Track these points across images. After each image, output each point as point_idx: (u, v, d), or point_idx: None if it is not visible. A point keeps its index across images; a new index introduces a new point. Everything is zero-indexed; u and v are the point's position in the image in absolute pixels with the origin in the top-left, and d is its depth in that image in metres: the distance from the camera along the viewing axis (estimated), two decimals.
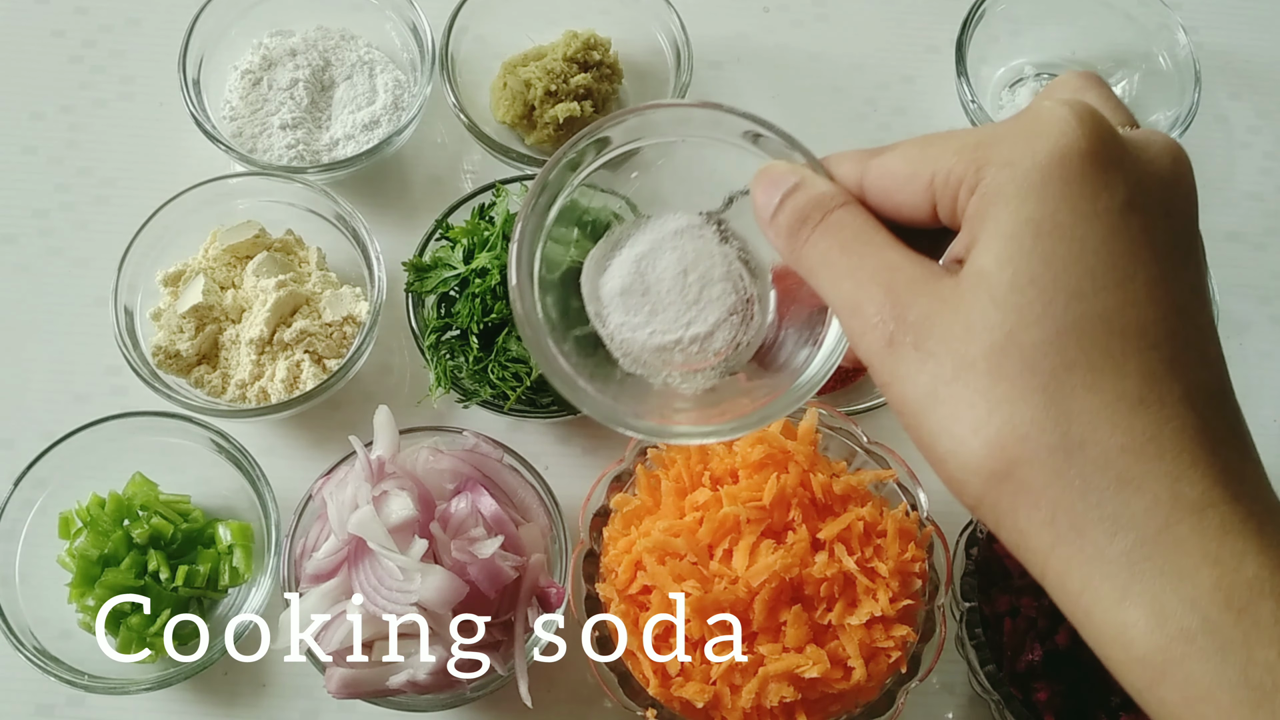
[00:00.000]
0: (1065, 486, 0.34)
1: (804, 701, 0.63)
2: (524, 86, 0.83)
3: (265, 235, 0.81)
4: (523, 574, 0.67)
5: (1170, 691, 0.33)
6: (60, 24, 0.91)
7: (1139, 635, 0.33)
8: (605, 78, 0.86)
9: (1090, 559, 0.34)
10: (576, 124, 0.84)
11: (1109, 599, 0.34)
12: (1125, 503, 0.34)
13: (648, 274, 0.54)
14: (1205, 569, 0.33)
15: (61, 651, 0.70)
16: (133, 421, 0.74)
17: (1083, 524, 0.34)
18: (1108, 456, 0.34)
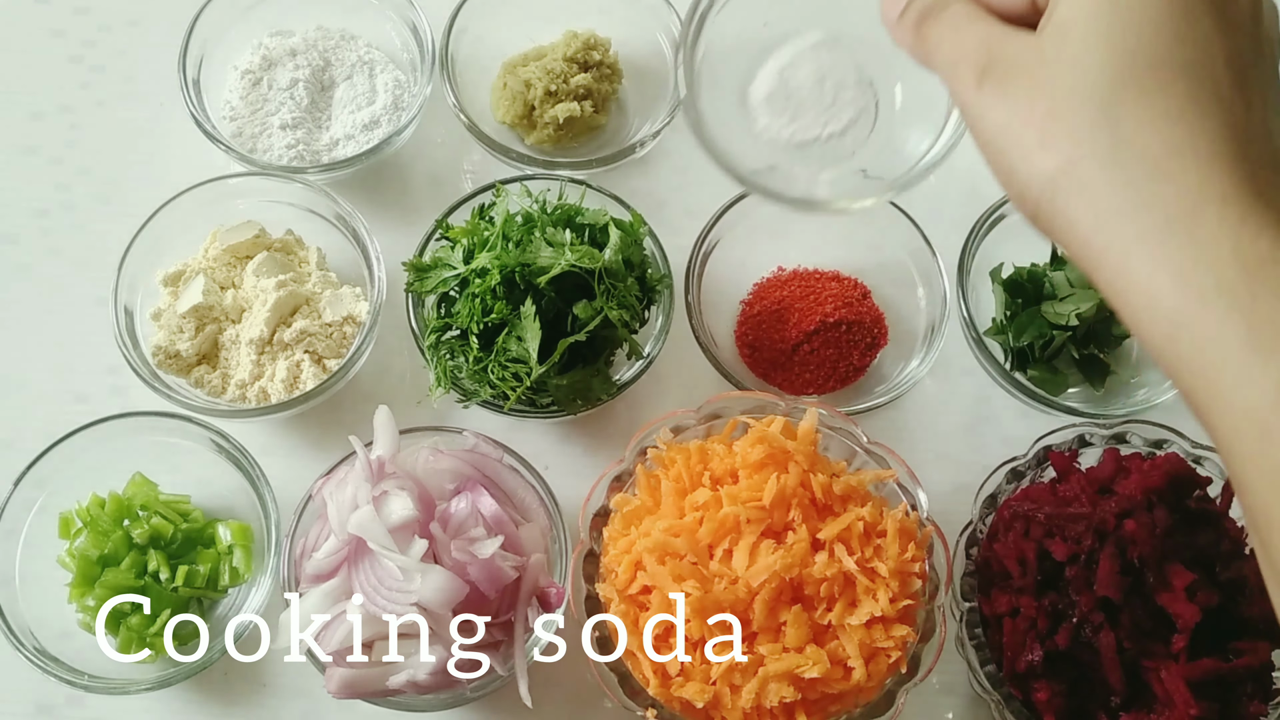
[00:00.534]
0: (1110, 179, 0.41)
1: (804, 701, 0.63)
2: (524, 86, 0.83)
3: (265, 235, 0.81)
4: (523, 574, 0.67)
5: (1186, 342, 0.40)
6: (60, 24, 0.91)
7: (1164, 296, 0.40)
8: (605, 77, 0.86)
9: (1127, 237, 0.41)
10: (576, 124, 0.84)
11: (1141, 269, 0.40)
12: (1159, 190, 0.40)
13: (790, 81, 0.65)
14: (1225, 242, 0.39)
15: (61, 651, 0.70)
16: (133, 421, 0.74)
17: (1123, 208, 0.41)
18: (1148, 154, 0.41)
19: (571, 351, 0.71)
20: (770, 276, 0.84)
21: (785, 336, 0.80)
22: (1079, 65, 0.42)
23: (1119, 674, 0.64)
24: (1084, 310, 0.78)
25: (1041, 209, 0.43)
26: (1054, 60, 0.43)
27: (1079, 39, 0.42)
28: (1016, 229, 0.83)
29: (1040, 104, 0.43)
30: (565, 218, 0.73)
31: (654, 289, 0.76)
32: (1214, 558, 0.66)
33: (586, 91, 0.84)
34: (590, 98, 0.84)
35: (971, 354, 0.80)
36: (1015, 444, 0.77)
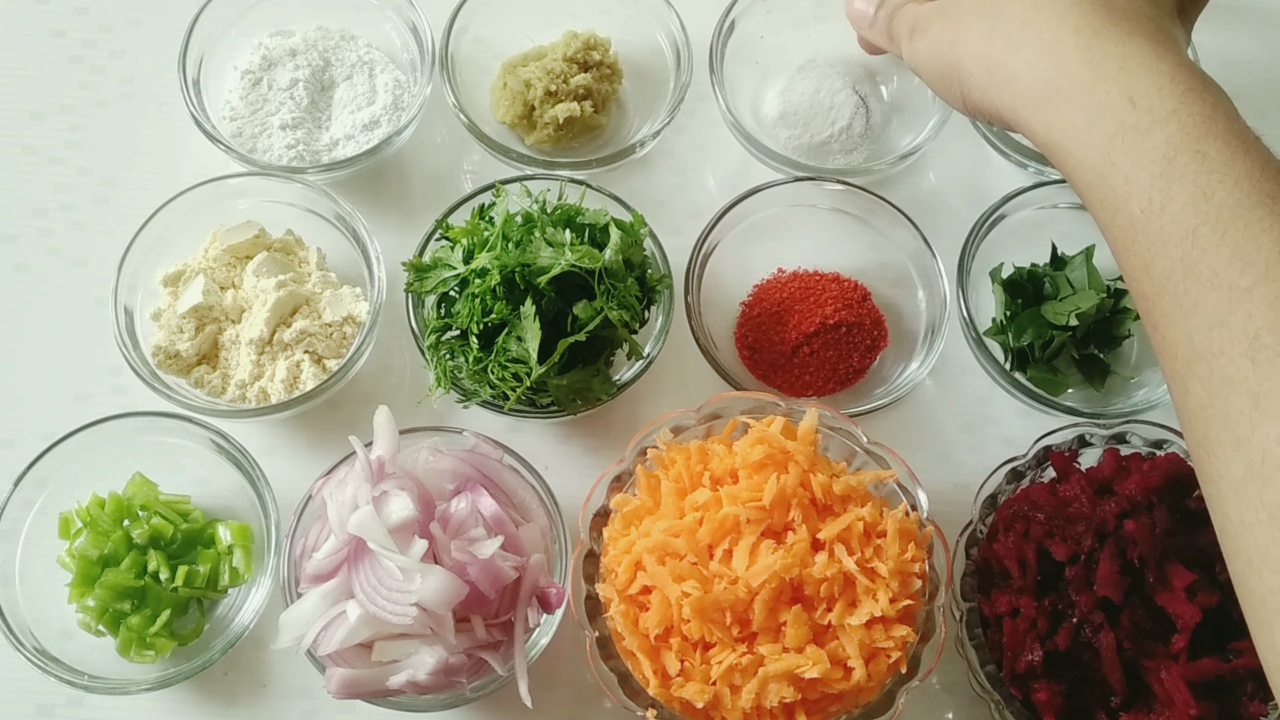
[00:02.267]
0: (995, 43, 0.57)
1: (804, 702, 0.63)
2: (524, 86, 0.83)
3: (265, 235, 0.81)
4: (523, 574, 0.67)
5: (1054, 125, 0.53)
6: (60, 24, 0.91)
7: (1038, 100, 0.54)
8: (605, 78, 0.86)
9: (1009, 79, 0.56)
10: (576, 124, 0.84)
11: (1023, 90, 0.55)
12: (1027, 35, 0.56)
13: (792, 99, 0.86)
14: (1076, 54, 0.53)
15: (61, 651, 0.70)
16: (133, 421, 0.74)
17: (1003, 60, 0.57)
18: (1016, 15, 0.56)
19: (571, 351, 0.71)
20: (770, 278, 0.84)
21: (785, 338, 0.80)
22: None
23: (1119, 674, 0.64)
24: (1084, 310, 0.78)
25: (965, 93, 0.59)
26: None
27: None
28: (1017, 229, 0.83)
29: (948, 25, 0.60)
30: (565, 218, 0.73)
31: (654, 289, 0.76)
32: (1214, 558, 0.66)
33: (586, 91, 0.84)
34: (590, 98, 0.84)
35: (971, 354, 0.80)
36: (1015, 444, 0.77)
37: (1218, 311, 0.45)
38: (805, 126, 0.87)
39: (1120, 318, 0.80)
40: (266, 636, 0.72)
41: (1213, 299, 0.45)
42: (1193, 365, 0.47)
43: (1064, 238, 0.82)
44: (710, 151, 0.89)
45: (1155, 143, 0.48)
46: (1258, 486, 0.43)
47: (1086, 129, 0.51)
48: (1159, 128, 0.49)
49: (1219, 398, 0.45)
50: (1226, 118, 0.49)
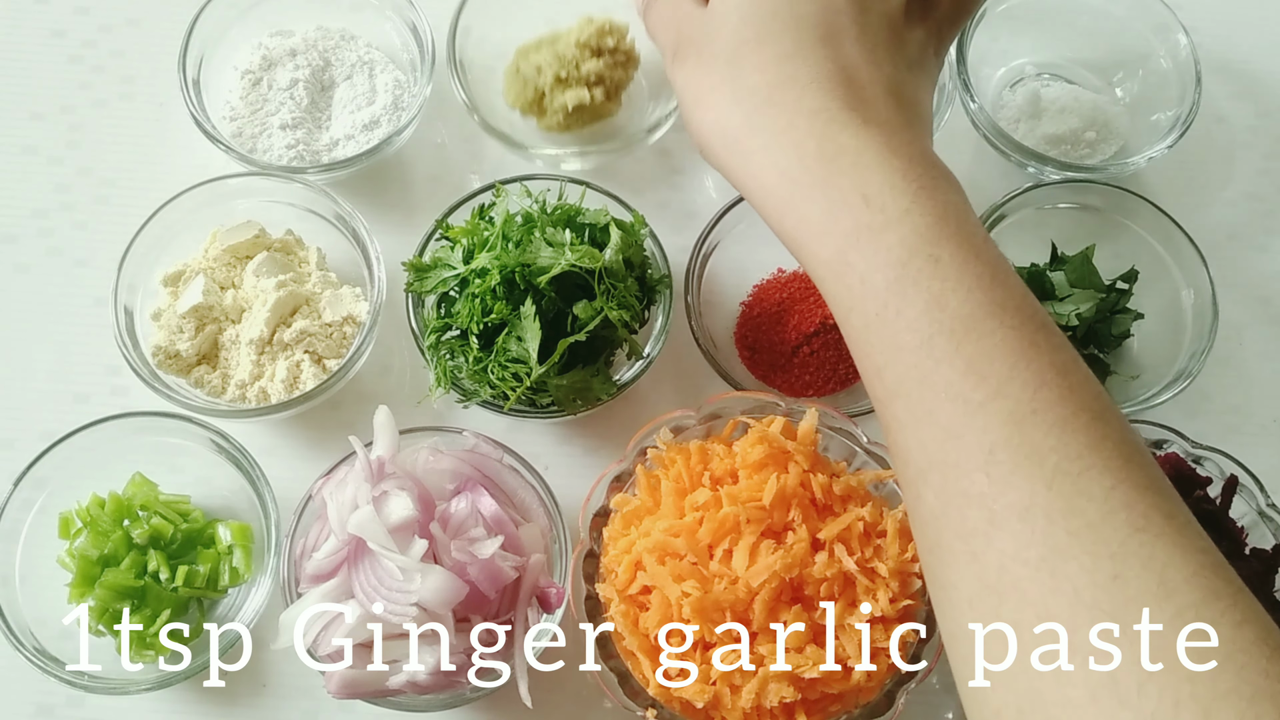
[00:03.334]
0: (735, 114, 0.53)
1: (804, 701, 0.63)
2: (535, 71, 0.82)
3: (265, 235, 0.81)
4: (523, 574, 0.67)
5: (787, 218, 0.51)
6: (60, 24, 0.91)
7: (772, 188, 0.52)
8: (619, 64, 0.84)
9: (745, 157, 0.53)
10: (586, 112, 0.82)
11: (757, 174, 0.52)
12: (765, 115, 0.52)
13: None
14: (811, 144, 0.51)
15: (61, 651, 0.70)
16: (133, 421, 0.74)
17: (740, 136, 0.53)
18: (758, 88, 0.53)
19: (571, 351, 0.71)
20: (770, 278, 0.84)
21: (785, 338, 0.80)
22: (719, 32, 0.54)
23: None
24: (1084, 310, 0.78)
25: (703, 148, 0.56)
26: (707, 33, 0.55)
27: (721, 12, 0.55)
28: (1017, 229, 0.83)
29: (700, 71, 0.55)
30: (565, 218, 0.73)
31: (654, 289, 0.76)
32: None
33: (598, 78, 0.82)
34: (602, 84, 0.82)
35: None
36: None
37: (953, 424, 0.45)
38: None
39: (1120, 318, 0.80)
40: (266, 636, 0.72)
41: (948, 411, 0.45)
42: (926, 474, 0.46)
43: (1064, 238, 0.82)
44: None
45: (890, 244, 0.47)
46: (994, 601, 0.43)
47: (821, 224, 0.49)
48: (892, 229, 0.47)
49: (953, 509, 0.45)
50: (958, 218, 0.48)
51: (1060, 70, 0.91)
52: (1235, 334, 0.85)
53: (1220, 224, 0.88)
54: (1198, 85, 0.85)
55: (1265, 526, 0.71)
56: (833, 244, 0.49)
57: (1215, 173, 0.90)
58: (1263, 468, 0.71)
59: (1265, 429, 0.83)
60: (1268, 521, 0.71)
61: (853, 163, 0.49)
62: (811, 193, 0.50)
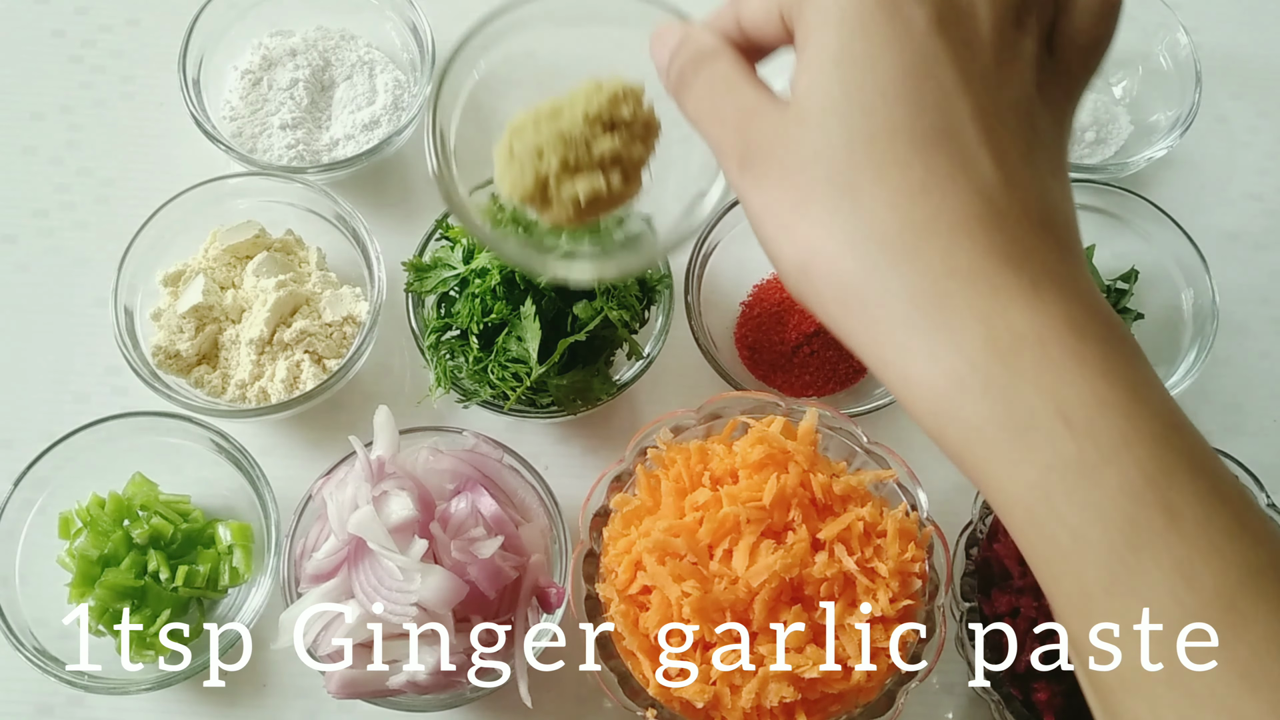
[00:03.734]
0: (852, 267, 0.39)
1: (804, 701, 0.63)
2: (535, 155, 0.60)
3: (265, 235, 0.81)
4: (523, 574, 0.67)
5: (952, 431, 0.38)
6: (60, 24, 0.91)
7: (921, 383, 0.38)
8: (638, 138, 0.62)
9: (874, 327, 0.39)
10: (603, 202, 0.61)
11: (895, 358, 0.39)
12: (901, 274, 0.38)
13: None
14: (973, 323, 0.37)
15: (61, 651, 0.70)
16: (133, 421, 0.74)
17: (865, 297, 0.39)
18: (888, 236, 0.38)
19: (571, 351, 0.71)
20: (770, 278, 0.84)
21: (785, 338, 0.80)
22: (818, 151, 0.40)
23: None
24: None
25: (800, 294, 0.42)
26: (796, 146, 0.41)
27: (816, 121, 0.40)
28: None
29: (789, 193, 0.41)
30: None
31: (654, 289, 0.76)
32: None
33: (614, 158, 0.61)
34: (619, 165, 0.61)
35: None
36: None
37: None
38: None
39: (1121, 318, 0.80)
40: (266, 636, 0.72)
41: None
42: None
43: None
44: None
45: (1107, 491, 0.35)
46: None
47: (1006, 450, 0.37)
48: (1110, 466, 0.35)
49: None
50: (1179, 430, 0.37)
51: None
52: (1235, 334, 0.85)
53: (1220, 224, 0.88)
54: (1197, 85, 0.85)
55: None
56: (1025, 479, 0.37)
57: (1215, 173, 0.90)
58: (1263, 468, 0.71)
59: (1265, 429, 0.83)
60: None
61: (1036, 360, 0.37)
62: (987, 405, 0.37)
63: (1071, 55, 0.42)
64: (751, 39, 0.45)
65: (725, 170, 0.45)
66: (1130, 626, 0.35)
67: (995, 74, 0.40)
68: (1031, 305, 0.37)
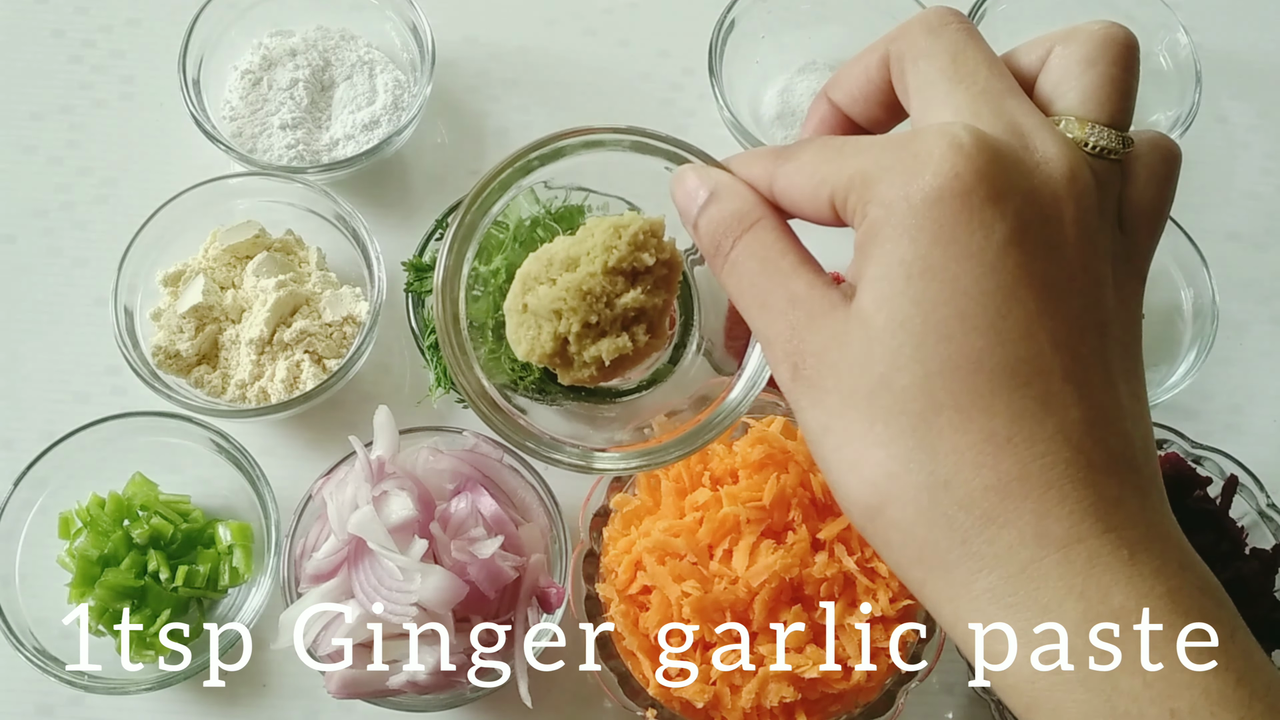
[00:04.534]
0: (931, 525, 0.35)
1: (804, 701, 0.63)
2: (553, 316, 0.54)
3: (265, 235, 0.81)
4: (523, 574, 0.67)
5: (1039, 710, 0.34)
6: (60, 24, 0.91)
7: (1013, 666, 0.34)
8: (660, 283, 0.54)
9: (957, 596, 0.35)
10: (628, 360, 0.56)
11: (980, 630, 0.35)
12: (990, 541, 0.34)
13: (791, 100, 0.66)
14: (1070, 603, 0.33)
15: (61, 651, 0.70)
16: (133, 421, 0.74)
17: (948, 562, 0.35)
18: (972, 496, 0.34)
19: None
20: None
21: None
22: (887, 376, 0.35)
23: None
24: None
25: (869, 537, 0.38)
26: (861, 365, 0.36)
27: (885, 339, 0.35)
28: None
29: (854, 420, 0.36)
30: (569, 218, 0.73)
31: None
32: (1214, 558, 0.66)
33: (639, 312, 0.54)
34: (644, 319, 0.55)
35: None
36: None
37: None
38: None
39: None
40: (266, 636, 0.72)
41: None
42: None
43: None
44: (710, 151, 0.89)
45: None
46: None
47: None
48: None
49: None
50: None
51: None
52: (1235, 334, 0.85)
53: (1220, 224, 0.88)
54: (1197, 85, 0.85)
55: (1265, 526, 0.71)
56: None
57: (1215, 173, 0.90)
58: (1263, 468, 0.71)
59: (1265, 429, 0.83)
60: (1268, 521, 0.71)
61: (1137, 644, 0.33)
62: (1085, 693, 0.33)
63: (1140, 226, 0.38)
64: (787, 208, 0.41)
65: (774, 371, 0.40)
66: None
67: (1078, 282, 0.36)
68: (1134, 583, 0.34)
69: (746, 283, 0.40)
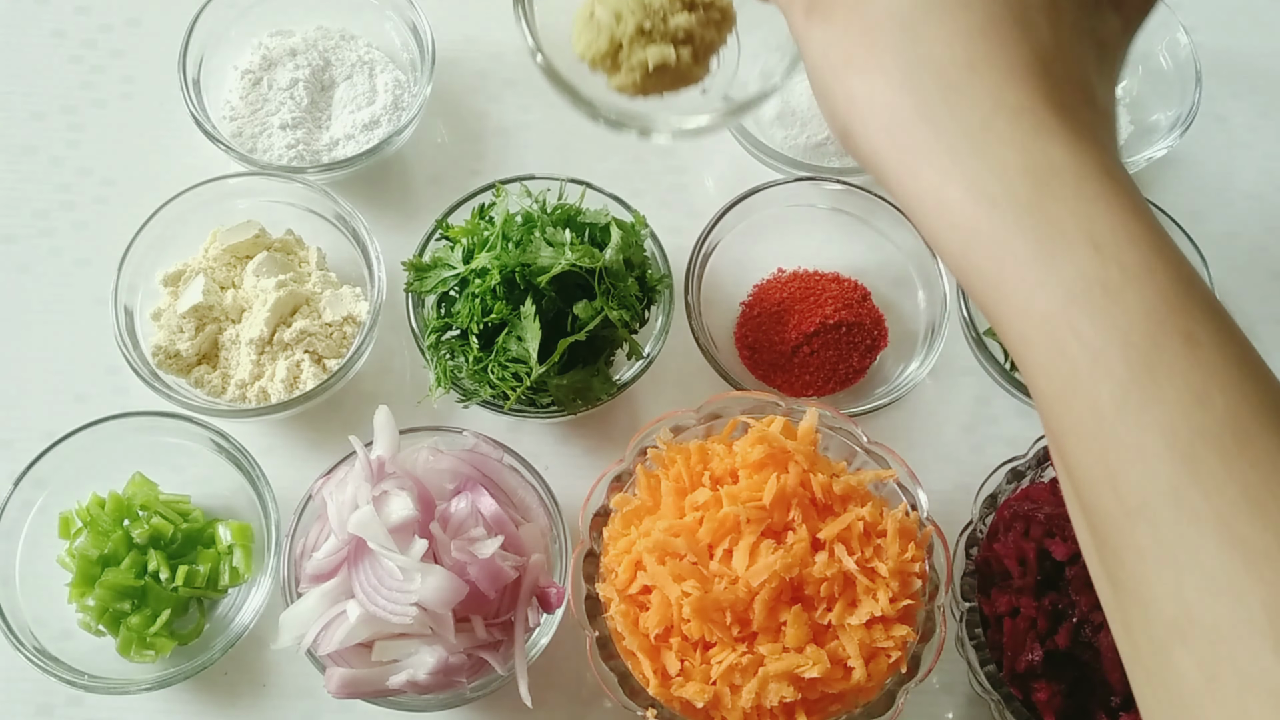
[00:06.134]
0: (907, 95, 0.41)
1: (804, 701, 0.63)
2: (614, 18, 0.66)
3: (265, 235, 0.81)
4: (523, 574, 0.67)
5: (978, 252, 0.39)
6: (60, 24, 0.91)
7: (955, 206, 0.40)
8: (714, 23, 0.68)
9: (915, 152, 0.41)
10: (668, 74, 0.66)
11: (934, 182, 0.40)
12: (953, 104, 0.40)
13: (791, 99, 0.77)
14: (1014, 154, 0.39)
15: (61, 651, 0.70)
16: (133, 421, 0.74)
17: (917, 122, 0.41)
18: (943, 70, 0.41)
19: (571, 351, 0.71)
20: (770, 278, 0.84)
21: (785, 338, 0.80)
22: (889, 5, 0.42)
23: (1119, 674, 0.64)
24: None
25: (848, 128, 0.44)
26: None
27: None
28: None
29: (854, 28, 0.43)
30: (565, 217, 0.73)
31: (654, 289, 0.76)
32: None
33: (687, 35, 0.66)
34: (690, 43, 0.67)
35: (971, 354, 0.80)
36: (1015, 444, 0.77)
37: (1226, 574, 0.34)
38: (803, 127, 0.86)
39: None
40: (266, 636, 0.72)
41: (1218, 555, 0.34)
42: (1183, 632, 0.35)
43: None
44: (710, 151, 0.89)
45: (1131, 313, 0.36)
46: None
47: (1033, 269, 0.38)
48: (1133, 289, 0.36)
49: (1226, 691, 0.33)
50: (1200, 281, 0.38)
51: None
52: None
53: (1220, 224, 0.88)
54: (1197, 85, 0.85)
55: None
56: (1049, 299, 0.37)
57: (1215, 173, 0.90)
58: None
59: None
60: None
61: (1074, 191, 0.38)
62: (1018, 222, 0.38)
63: None
64: None
65: (791, 22, 0.46)
66: (1139, 447, 0.36)
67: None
68: (1071, 146, 0.39)
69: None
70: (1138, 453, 0.36)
